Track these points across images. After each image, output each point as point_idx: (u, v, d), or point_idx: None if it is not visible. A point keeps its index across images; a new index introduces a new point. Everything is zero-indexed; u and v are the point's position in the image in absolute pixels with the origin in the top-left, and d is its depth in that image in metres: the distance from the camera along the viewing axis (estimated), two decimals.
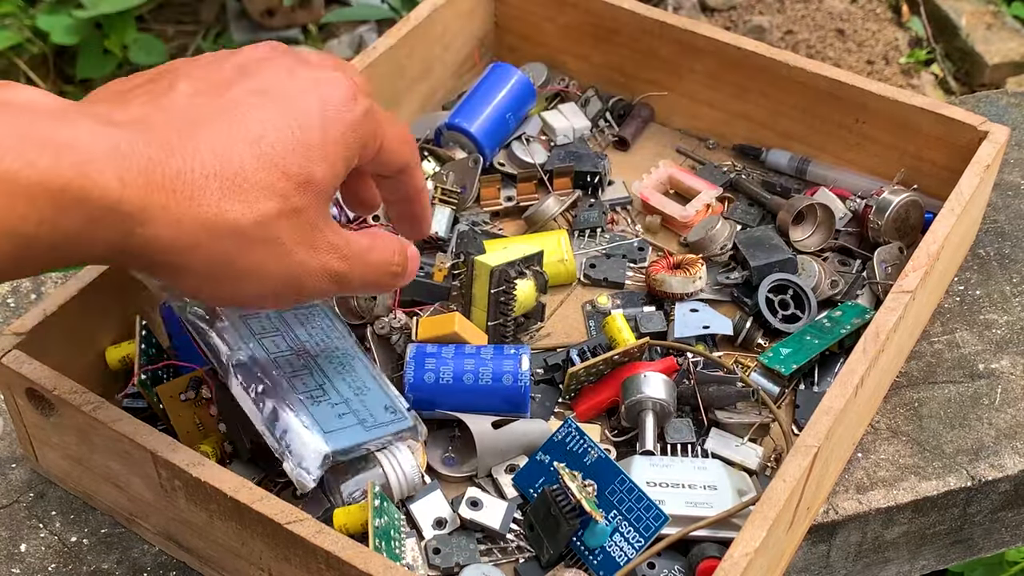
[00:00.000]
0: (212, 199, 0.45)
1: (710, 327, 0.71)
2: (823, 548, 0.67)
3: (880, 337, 0.62)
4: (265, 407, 0.59)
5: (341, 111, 0.50)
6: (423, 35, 0.84)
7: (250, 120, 0.47)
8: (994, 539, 0.74)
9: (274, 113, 0.48)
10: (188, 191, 0.45)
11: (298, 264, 0.49)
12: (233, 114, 0.47)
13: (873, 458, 0.68)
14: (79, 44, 1.97)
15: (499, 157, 0.84)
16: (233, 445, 0.64)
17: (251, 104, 0.48)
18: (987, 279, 0.79)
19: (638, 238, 0.79)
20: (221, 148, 0.46)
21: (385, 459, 0.61)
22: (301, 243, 0.49)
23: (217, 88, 0.48)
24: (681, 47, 0.83)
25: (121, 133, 0.44)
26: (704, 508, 0.60)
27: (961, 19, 1.96)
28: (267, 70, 0.50)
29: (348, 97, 0.50)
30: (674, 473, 0.62)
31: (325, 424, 0.59)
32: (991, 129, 0.74)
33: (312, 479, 0.58)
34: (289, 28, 1.98)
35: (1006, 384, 0.72)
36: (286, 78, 0.50)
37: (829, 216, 0.76)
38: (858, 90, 0.77)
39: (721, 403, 0.66)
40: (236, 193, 0.46)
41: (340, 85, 0.51)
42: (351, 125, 0.50)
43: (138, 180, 0.43)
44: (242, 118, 0.47)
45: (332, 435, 0.59)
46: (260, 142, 0.47)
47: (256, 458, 0.63)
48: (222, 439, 0.64)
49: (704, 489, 0.61)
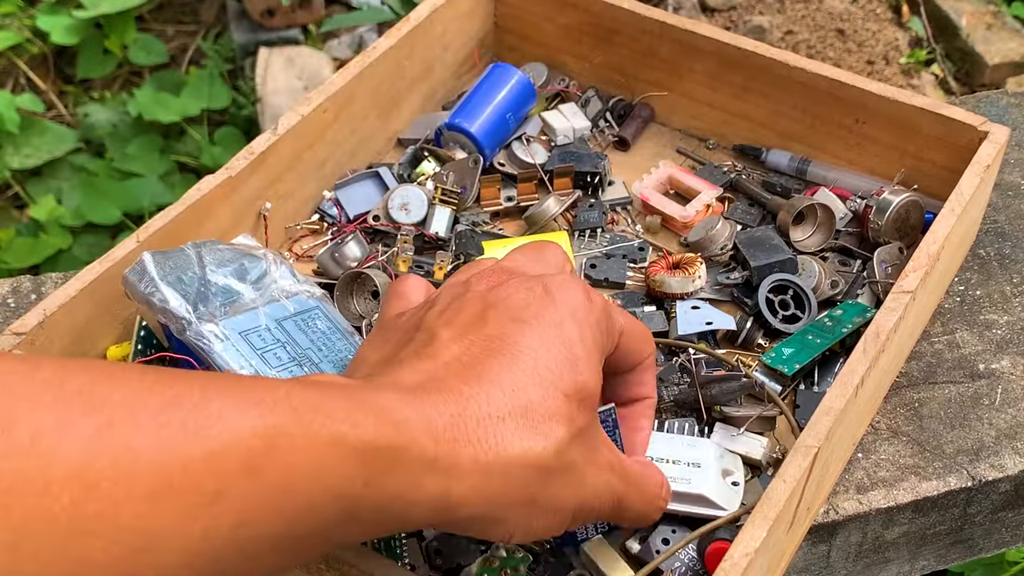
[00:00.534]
0: (514, 439, 0.45)
1: (712, 323, 0.71)
2: (823, 548, 0.67)
3: (880, 337, 0.62)
4: None
5: (587, 314, 0.50)
6: (423, 35, 0.84)
7: (521, 350, 0.47)
8: (994, 539, 0.74)
9: (536, 337, 0.48)
10: (492, 438, 0.44)
11: (589, 486, 0.49)
12: (503, 349, 0.47)
13: (873, 458, 0.68)
14: (79, 44, 1.97)
15: (499, 157, 0.84)
16: None
17: (513, 334, 0.48)
18: (987, 279, 0.79)
19: (639, 239, 0.79)
20: (508, 385, 0.46)
21: None
22: (590, 463, 0.48)
23: (475, 327, 0.48)
24: (681, 47, 0.83)
25: (419, 398, 0.44)
26: (682, 484, 0.60)
27: (961, 19, 1.96)
28: (505, 294, 0.50)
29: (585, 297, 0.50)
30: (661, 447, 0.62)
31: None
32: (991, 129, 0.74)
33: None
34: (289, 28, 1.98)
35: (1006, 384, 0.72)
36: (527, 296, 0.50)
37: (829, 216, 0.76)
38: (858, 90, 0.77)
39: (724, 399, 0.66)
40: (532, 427, 0.45)
41: (575, 287, 0.51)
42: (598, 324, 0.50)
43: (446, 435, 0.43)
44: (512, 350, 0.47)
45: None
46: (537, 369, 0.47)
47: None
48: None
49: (688, 466, 0.61)
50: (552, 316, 0.49)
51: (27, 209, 1.82)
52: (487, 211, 0.80)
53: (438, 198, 0.77)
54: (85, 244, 1.77)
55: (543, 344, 0.48)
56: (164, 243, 0.67)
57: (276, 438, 0.39)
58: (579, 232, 0.79)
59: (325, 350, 0.64)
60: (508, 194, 0.81)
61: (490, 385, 0.46)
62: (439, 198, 0.77)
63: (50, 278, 0.79)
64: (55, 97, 1.97)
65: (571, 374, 0.48)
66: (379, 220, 0.77)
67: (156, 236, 0.67)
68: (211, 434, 0.37)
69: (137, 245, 0.67)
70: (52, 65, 2.00)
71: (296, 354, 0.63)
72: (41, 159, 1.85)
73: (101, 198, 1.76)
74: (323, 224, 0.79)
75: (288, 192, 0.77)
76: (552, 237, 0.76)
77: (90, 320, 0.66)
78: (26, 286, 0.78)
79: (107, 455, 0.35)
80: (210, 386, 0.39)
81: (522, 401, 0.46)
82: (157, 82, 1.95)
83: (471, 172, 0.80)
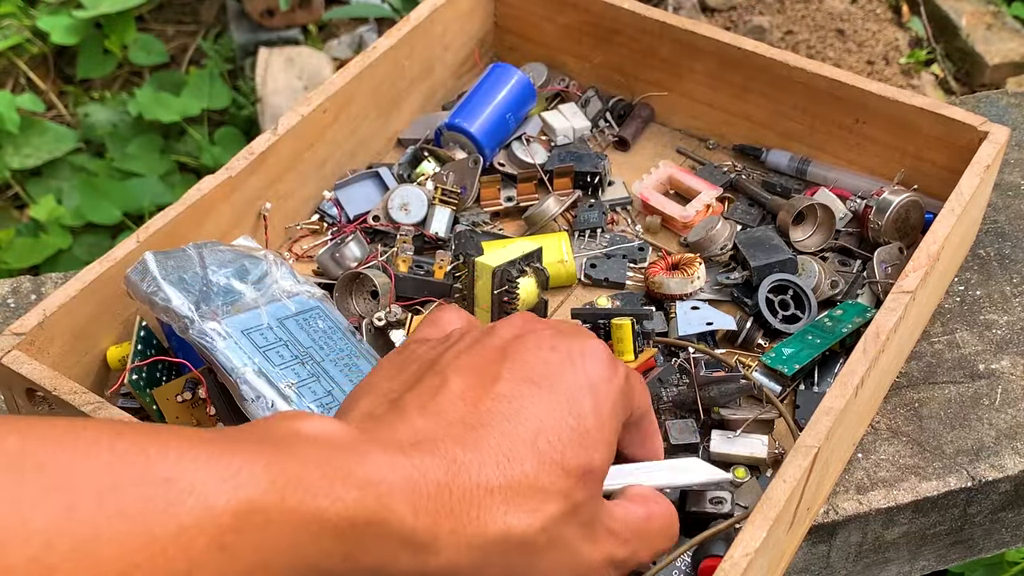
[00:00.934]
0: (498, 514, 0.43)
1: (712, 324, 0.71)
2: (823, 548, 0.67)
3: (880, 337, 0.62)
4: None
5: (609, 384, 0.48)
6: (423, 35, 0.84)
7: (526, 417, 0.45)
8: (994, 539, 0.74)
9: (547, 405, 0.46)
10: (475, 511, 0.43)
11: (585, 562, 0.47)
12: (508, 413, 0.45)
13: (873, 458, 0.68)
14: (79, 44, 1.97)
15: (499, 157, 0.84)
16: None
17: (524, 397, 0.46)
18: (987, 279, 0.79)
19: (639, 240, 0.79)
20: (503, 454, 0.44)
21: None
22: (584, 538, 0.46)
23: (487, 381, 0.47)
24: (681, 47, 0.83)
25: (410, 460, 0.42)
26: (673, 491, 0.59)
27: (961, 19, 1.96)
28: (526, 348, 0.48)
29: (610, 364, 0.49)
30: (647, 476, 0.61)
31: None
32: (991, 129, 0.74)
33: None
34: (289, 28, 1.98)
35: (1006, 384, 0.72)
36: (548, 356, 0.48)
37: (829, 216, 0.76)
38: (858, 90, 0.77)
39: (723, 401, 0.66)
40: (519, 501, 0.44)
41: (600, 354, 0.49)
42: (620, 394, 0.49)
43: (428, 507, 0.42)
44: (517, 415, 0.45)
45: None
46: (538, 440, 0.45)
47: None
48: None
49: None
50: (571, 385, 0.47)
51: (27, 209, 1.82)
52: (487, 211, 0.80)
53: (438, 198, 0.77)
54: (85, 244, 1.77)
55: (554, 414, 0.46)
56: (164, 243, 0.67)
57: (251, 515, 0.37)
58: (579, 232, 0.79)
59: (327, 349, 0.64)
60: (508, 194, 0.81)
61: (485, 453, 0.44)
62: (439, 198, 0.77)
63: (50, 278, 0.79)
64: (55, 97, 1.97)
65: (577, 449, 0.45)
66: (379, 220, 0.77)
67: (156, 236, 0.67)
68: (182, 510, 0.36)
69: (137, 245, 0.67)
70: (52, 65, 2.00)
71: (298, 352, 0.63)
72: (41, 159, 1.85)
73: (101, 198, 1.76)
74: (323, 224, 0.79)
75: (288, 192, 0.77)
76: (552, 237, 0.76)
77: (90, 320, 0.66)
78: (26, 286, 0.78)
79: (69, 538, 0.34)
80: (186, 454, 0.37)
81: (516, 474, 0.44)
82: (157, 82, 1.95)
83: (471, 172, 0.80)
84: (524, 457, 0.44)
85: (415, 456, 0.43)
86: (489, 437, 0.44)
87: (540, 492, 0.44)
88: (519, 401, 0.46)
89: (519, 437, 0.45)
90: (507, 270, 0.68)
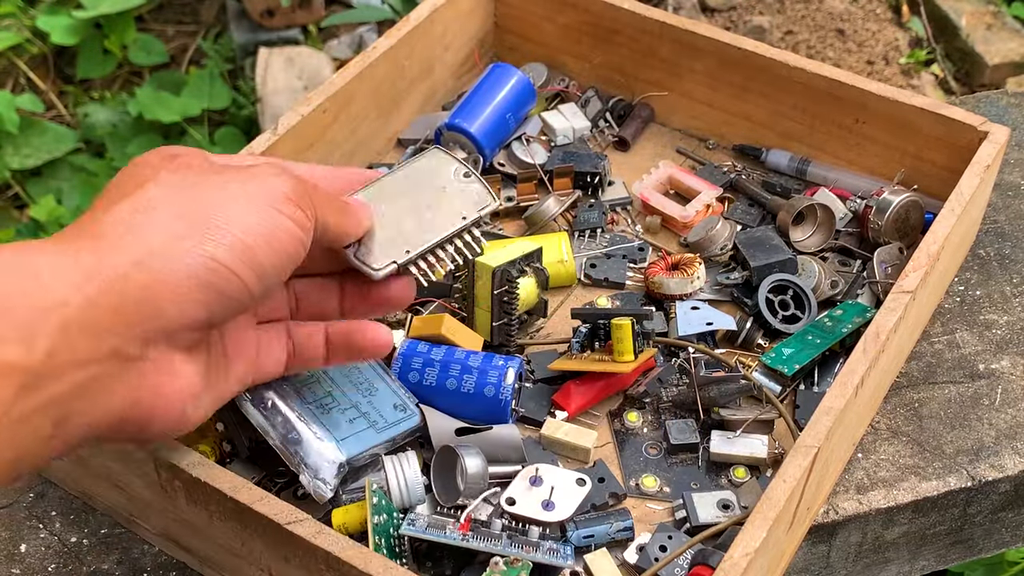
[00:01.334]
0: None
1: (712, 324, 0.71)
2: (823, 548, 0.67)
3: (880, 337, 0.62)
4: (277, 422, 0.59)
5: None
6: (423, 35, 0.84)
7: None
8: (994, 539, 0.74)
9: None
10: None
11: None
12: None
13: (873, 458, 0.68)
14: (79, 44, 1.97)
15: (499, 157, 0.84)
16: (232, 444, 0.64)
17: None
18: (987, 279, 0.79)
19: (639, 239, 0.79)
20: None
21: (391, 465, 0.61)
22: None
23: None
24: (681, 47, 0.83)
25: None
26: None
27: (961, 19, 1.96)
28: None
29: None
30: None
31: (337, 432, 0.60)
32: (991, 129, 0.74)
33: (329, 489, 0.59)
34: (289, 28, 1.98)
35: (1006, 384, 0.72)
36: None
37: (829, 216, 0.76)
38: (858, 90, 0.77)
39: (723, 401, 0.66)
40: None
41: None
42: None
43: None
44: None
45: (345, 442, 0.60)
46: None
47: (255, 457, 0.63)
48: (220, 438, 0.64)
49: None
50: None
51: (27, 209, 1.82)
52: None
53: None
54: None
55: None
56: None
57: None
58: (579, 232, 0.79)
59: None
60: (508, 194, 0.81)
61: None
62: None
63: None
64: (55, 97, 1.97)
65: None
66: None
67: None
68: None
69: None
70: (52, 65, 2.00)
71: None
72: (41, 159, 1.85)
73: None
74: None
75: None
76: (552, 237, 0.76)
77: None
78: None
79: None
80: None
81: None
82: (157, 82, 1.95)
83: None
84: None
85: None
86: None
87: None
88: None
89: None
90: (507, 270, 0.68)
